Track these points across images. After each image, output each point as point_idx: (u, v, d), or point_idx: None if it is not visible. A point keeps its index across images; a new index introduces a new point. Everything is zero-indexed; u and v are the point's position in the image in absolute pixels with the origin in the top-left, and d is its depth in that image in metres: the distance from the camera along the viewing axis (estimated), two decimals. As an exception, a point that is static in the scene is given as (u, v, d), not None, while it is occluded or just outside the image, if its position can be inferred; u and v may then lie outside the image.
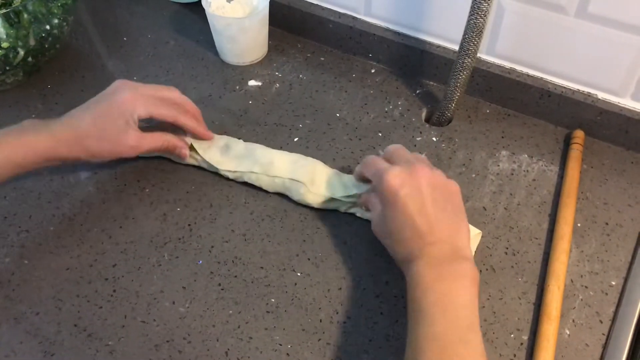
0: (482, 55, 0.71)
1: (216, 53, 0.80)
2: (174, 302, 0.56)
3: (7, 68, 0.70)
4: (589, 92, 0.67)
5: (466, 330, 0.45)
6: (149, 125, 0.64)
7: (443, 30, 0.72)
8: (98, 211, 0.63)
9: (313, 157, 0.67)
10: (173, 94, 0.64)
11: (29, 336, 0.54)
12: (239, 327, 0.54)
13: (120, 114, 0.59)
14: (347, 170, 0.66)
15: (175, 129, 0.64)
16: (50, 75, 0.77)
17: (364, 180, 0.59)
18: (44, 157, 0.57)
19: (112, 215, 0.62)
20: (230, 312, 0.55)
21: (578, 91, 0.67)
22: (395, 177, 0.52)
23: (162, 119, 0.62)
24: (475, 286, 0.47)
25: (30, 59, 0.71)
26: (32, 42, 0.70)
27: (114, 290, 0.57)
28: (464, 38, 0.62)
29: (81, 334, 0.54)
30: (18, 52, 0.69)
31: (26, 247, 0.60)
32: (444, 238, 0.50)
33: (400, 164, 0.53)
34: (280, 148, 0.68)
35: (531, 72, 0.69)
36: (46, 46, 0.73)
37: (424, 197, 0.51)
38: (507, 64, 0.70)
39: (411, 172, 0.52)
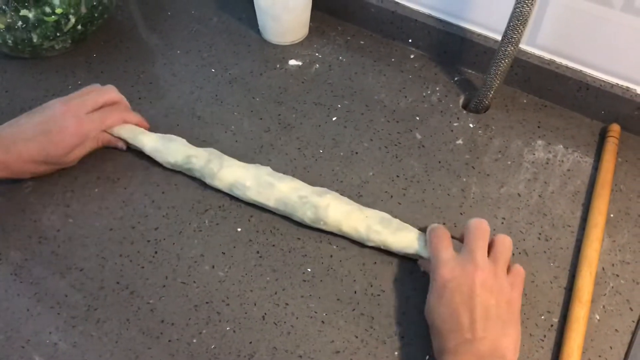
0: (523, 45, 0.72)
1: (258, 31, 0.81)
2: (213, 266, 0.57)
3: (58, 34, 0.72)
4: (628, 87, 0.68)
5: None
6: None
7: (485, 19, 0.73)
8: (141, 177, 0.65)
9: (351, 136, 0.69)
10: (111, 94, 0.65)
11: (73, 290, 0.56)
12: (275, 293, 0.56)
13: (64, 145, 0.61)
14: (385, 150, 0.67)
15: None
16: (96, 45, 0.79)
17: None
18: None
19: (154, 181, 0.64)
20: (268, 278, 0.57)
21: (617, 85, 0.68)
22: (448, 270, 0.51)
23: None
24: None
25: (79, 26, 0.73)
26: (83, 9, 0.72)
27: (156, 252, 0.58)
28: (508, 26, 0.63)
29: (123, 291, 0.56)
30: (69, 19, 0.71)
31: (71, 206, 0.62)
32: (486, 337, 0.47)
33: (463, 255, 0.52)
34: (319, 126, 0.70)
35: (570, 64, 0.70)
36: (95, 15, 0.74)
37: (474, 294, 0.49)
38: (547, 55, 0.71)
39: (466, 266, 0.51)
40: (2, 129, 0.60)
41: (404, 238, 0.56)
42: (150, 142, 0.64)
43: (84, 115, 0.62)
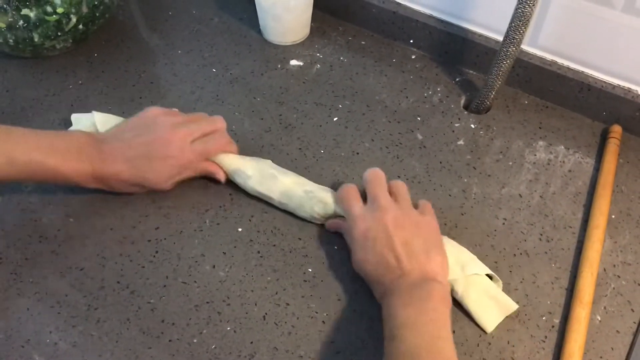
0: (524, 46, 0.71)
1: (259, 31, 0.81)
2: (214, 266, 0.57)
3: (59, 34, 0.72)
4: (630, 88, 0.68)
5: (436, 340, 0.47)
6: None
7: (486, 19, 0.72)
8: (142, 176, 0.64)
9: (352, 137, 0.69)
10: (218, 124, 0.63)
11: (73, 289, 0.56)
12: (276, 293, 0.56)
13: (163, 173, 0.59)
14: (390, 154, 0.67)
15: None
16: (97, 44, 0.79)
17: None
18: (73, 183, 0.58)
19: (155, 181, 0.64)
20: (269, 278, 0.57)
21: (618, 86, 0.68)
22: (362, 221, 0.55)
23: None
24: (443, 303, 0.49)
25: (80, 26, 0.73)
26: (84, 9, 0.72)
27: (156, 252, 0.58)
28: (510, 26, 0.63)
29: (124, 290, 0.56)
30: (70, 19, 0.71)
31: (71, 206, 0.62)
32: (413, 268, 0.51)
33: (369, 204, 0.56)
34: (320, 127, 0.70)
35: (572, 65, 0.70)
36: (97, 15, 0.74)
37: (391, 235, 0.53)
38: (548, 56, 0.71)
39: (375, 213, 0.55)
40: (105, 140, 0.59)
41: None
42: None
43: (189, 145, 0.59)
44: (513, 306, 0.54)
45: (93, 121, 0.65)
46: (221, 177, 0.62)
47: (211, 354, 0.52)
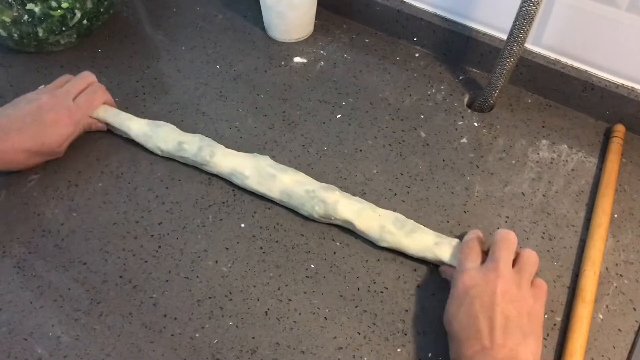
0: (528, 45, 0.71)
1: (263, 29, 0.81)
2: (216, 262, 0.57)
3: (63, 29, 0.72)
4: (633, 87, 0.68)
5: None
6: None
7: (490, 18, 0.72)
8: (145, 171, 0.65)
9: (355, 134, 0.69)
10: (89, 78, 0.67)
11: (76, 283, 0.56)
12: (278, 289, 0.56)
13: (59, 140, 0.62)
14: (392, 153, 0.67)
15: None
16: (101, 40, 0.79)
17: None
18: None
19: (158, 176, 0.64)
20: (271, 274, 0.57)
21: (622, 85, 0.68)
22: (470, 277, 0.51)
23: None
24: None
25: (85, 21, 0.73)
26: (89, 4, 0.72)
27: (159, 247, 0.58)
28: (514, 25, 0.63)
29: (126, 285, 0.56)
30: (75, 14, 0.71)
31: (75, 200, 0.62)
32: (505, 345, 0.46)
33: (487, 263, 0.52)
34: (323, 124, 0.70)
35: (576, 64, 0.70)
36: (101, 10, 0.75)
37: (495, 303, 0.48)
38: (552, 55, 0.71)
39: (489, 274, 0.50)
40: None
41: (419, 241, 0.56)
42: (137, 127, 0.65)
43: (72, 103, 0.63)
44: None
45: None
46: (102, 127, 0.67)
47: (213, 349, 0.52)
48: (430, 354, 0.52)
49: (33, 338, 0.52)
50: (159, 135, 0.64)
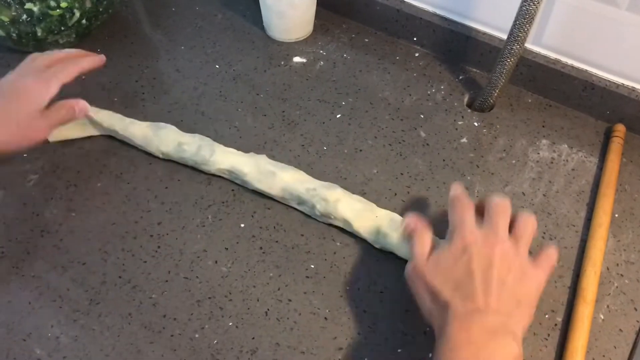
0: (528, 45, 0.71)
1: (262, 28, 0.81)
2: (216, 262, 0.57)
3: (62, 28, 0.72)
4: (634, 87, 0.67)
5: None
6: None
7: (490, 18, 0.72)
8: (145, 171, 0.64)
9: (355, 134, 0.68)
10: (60, 54, 0.62)
11: (75, 284, 0.56)
12: (278, 289, 0.55)
13: (30, 103, 0.58)
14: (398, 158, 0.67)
15: None
16: (100, 40, 0.79)
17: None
18: None
19: (158, 176, 0.64)
20: (271, 274, 0.56)
21: (622, 85, 0.68)
22: (472, 233, 0.49)
23: (71, 79, 0.61)
24: None
25: (84, 21, 0.73)
26: (88, 4, 0.72)
27: (159, 247, 0.58)
28: (514, 24, 0.62)
29: (125, 285, 0.56)
30: (74, 13, 0.71)
31: (74, 200, 0.62)
32: (498, 310, 0.45)
33: (485, 227, 0.49)
34: (323, 123, 0.70)
35: (576, 64, 0.70)
36: (100, 10, 0.74)
37: (493, 265, 0.46)
38: (552, 55, 0.71)
39: (488, 236, 0.48)
40: None
41: None
42: (140, 131, 0.64)
43: (42, 71, 0.59)
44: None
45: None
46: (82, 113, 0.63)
47: (213, 349, 0.51)
48: (430, 354, 0.52)
49: (32, 339, 0.52)
50: (161, 137, 0.63)
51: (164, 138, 0.63)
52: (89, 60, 0.64)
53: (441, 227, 0.54)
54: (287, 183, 0.59)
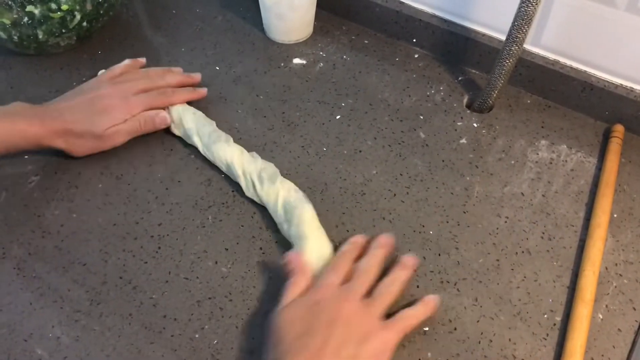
0: (527, 45, 0.72)
1: (262, 30, 0.81)
2: (216, 262, 0.57)
3: (63, 31, 0.72)
4: (632, 87, 0.68)
5: None
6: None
7: (489, 19, 0.73)
8: (145, 173, 0.65)
9: (354, 135, 0.69)
10: (169, 78, 0.69)
11: (76, 285, 0.56)
12: (278, 290, 0.56)
13: (109, 120, 0.63)
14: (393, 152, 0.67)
15: None
16: (101, 42, 0.80)
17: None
18: (33, 144, 0.61)
19: (158, 178, 0.64)
20: (271, 275, 0.57)
21: (621, 86, 0.68)
22: (328, 288, 0.50)
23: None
24: None
25: (85, 23, 0.74)
26: (88, 6, 0.72)
27: (159, 247, 0.59)
28: (512, 25, 0.63)
29: (126, 286, 0.56)
30: (75, 16, 0.72)
31: (75, 201, 0.62)
32: None
33: (347, 284, 0.51)
34: (322, 125, 0.70)
35: (575, 64, 0.70)
36: (101, 12, 0.75)
37: (337, 322, 0.47)
38: (551, 56, 0.71)
39: (342, 295, 0.49)
40: (51, 104, 0.63)
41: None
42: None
43: (131, 95, 0.65)
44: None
45: None
46: (165, 123, 0.67)
47: (213, 349, 0.52)
48: (429, 354, 0.52)
49: (33, 339, 0.52)
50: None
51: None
52: (186, 95, 0.69)
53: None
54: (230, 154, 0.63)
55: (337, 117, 0.71)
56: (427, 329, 0.53)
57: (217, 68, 0.77)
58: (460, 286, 0.56)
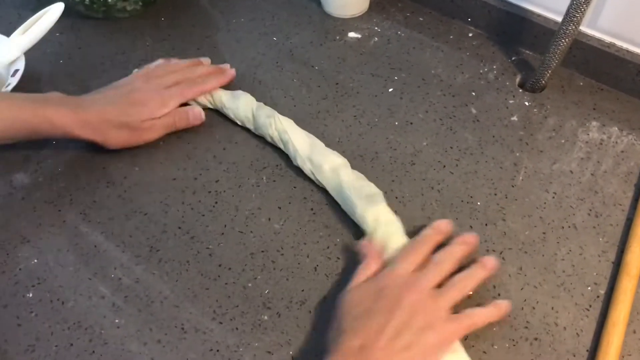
0: (583, 27, 0.72)
1: (319, 4, 0.83)
2: (269, 219, 0.60)
3: (130, -5, 0.76)
4: (689, 73, 0.68)
5: None
6: None
7: (546, 0, 0.73)
8: (205, 134, 0.67)
9: (406, 107, 0.70)
10: (200, 69, 0.70)
11: (137, 232, 0.59)
12: (328, 247, 0.58)
13: (145, 112, 0.64)
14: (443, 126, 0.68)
15: None
16: (164, 9, 0.83)
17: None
18: (61, 133, 0.61)
19: (217, 139, 0.67)
20: (321, 233, 0.59)
21: (677, 71, 0.68)
22: (397, 276, 0.50)
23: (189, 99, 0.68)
24: None
25: (151, -11, 0.77)
26: (156, -27, 0.75)
27: (216, 202, 0.61)
28: (571, 4, 0.63)
29: (184, 235, 0.59)
30: (142, -19, 0.75)
31: (138, 156, 0.65)
32: (384, 350, 0.45)
33: (417, 273, 0.50)
34: (375, 96, 0.72)
35: (631, 47, 0.70)
36: (167, -21, 0.78)
37: (399, 307, 0.47)
38: (607, 38, 0.71)
39: (409, 284, 0.49)
40: (85, 96, 0.64)
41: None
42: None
43: (164, 89, 0.66)
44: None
45: None
46: (200, 119, 0.68)
47: (264, 298, 0.54)
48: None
49: (97, 278, 0.56)
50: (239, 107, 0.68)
51: (244, 108, 0.67)
52: (215, 82, 0.69)
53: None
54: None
55: (390, 89, 0.73)
56: (471, 292, 0.55)
57: (275, 38, 0.79)
58: (505, 255, 0.57)
